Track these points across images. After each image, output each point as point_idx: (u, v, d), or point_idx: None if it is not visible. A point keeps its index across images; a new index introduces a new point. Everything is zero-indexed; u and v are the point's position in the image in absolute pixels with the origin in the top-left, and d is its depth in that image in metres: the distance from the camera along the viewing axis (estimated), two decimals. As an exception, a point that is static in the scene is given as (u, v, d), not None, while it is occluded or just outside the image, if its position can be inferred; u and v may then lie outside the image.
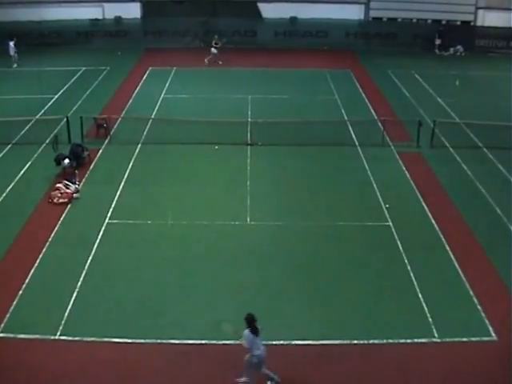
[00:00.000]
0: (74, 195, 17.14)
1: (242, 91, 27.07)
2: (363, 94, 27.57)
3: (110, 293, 13.08)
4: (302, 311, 12.59)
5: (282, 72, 30.87)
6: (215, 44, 32.16)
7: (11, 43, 31.03)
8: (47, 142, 20.78)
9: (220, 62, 31.89)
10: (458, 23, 37.37)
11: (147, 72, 30.95)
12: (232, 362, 11.05)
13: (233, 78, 29.82)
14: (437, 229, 15.77)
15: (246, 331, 9.90)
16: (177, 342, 11.62)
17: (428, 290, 13.20)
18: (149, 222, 15.96)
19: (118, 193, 17.53)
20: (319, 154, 20.49)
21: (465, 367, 11.10)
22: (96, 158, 19.98)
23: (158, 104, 25.72)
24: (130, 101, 26.16)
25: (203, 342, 11.62)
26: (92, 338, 11.64)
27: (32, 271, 13.72)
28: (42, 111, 23.78)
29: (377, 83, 29.51)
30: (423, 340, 11.75)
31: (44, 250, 14.58)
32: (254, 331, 9.91)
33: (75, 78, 29.52)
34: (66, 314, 12.28)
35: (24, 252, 14.47)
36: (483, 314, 12.47)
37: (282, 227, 15.82)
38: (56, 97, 26.27)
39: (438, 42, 36.30)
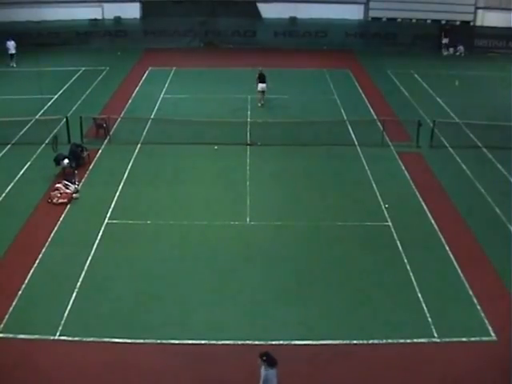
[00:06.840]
0: (74, 195, 17.14)
1: (241, 91, 27.05)
2: (363, 94, 27.56)
3: (110, 293, 13.08)
4: (302, 311, 12.58)
5: (282, 72, 30.83)
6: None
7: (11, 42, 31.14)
8: (47, 142, 20.77)
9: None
10: (458, 23, 37.40)
11: (147, 72, 30.94)
12: (232, 362, 11.07)
13: (232, 78, 29.80)
14: (436, 229, 15.77)
15: None
16: (177, 342, 11.61)
17: (427, 290, 13.20)
18: (148, 222, 15.96)
19: (118, 193, 17.53)
20: (318, 154, 20.48)
21: (464, 367, 11.09)
22: (95, 158, 19.97)
23: (158, 104, 25.71)
24: (130, 101, 26.15)
25: (203, 342, 11.62)
26: (91, 339, 11.63)
27: (31, 271, 13.71)
28: (42, 111, 23.78)
29: (376, 83, 29.51)
30: (423, 340, 11.74)
31: (43, 250, 14.57)
32: None
33: (75, 78, 29.51)
34: (66, 314, 12.27)
35: (23, 252, 14.46)
36: (483, 314, 12.47)
37: (281, 227, 15.82)
38: (55, 97, 26.26)
39: (444, 41, 36.28)
